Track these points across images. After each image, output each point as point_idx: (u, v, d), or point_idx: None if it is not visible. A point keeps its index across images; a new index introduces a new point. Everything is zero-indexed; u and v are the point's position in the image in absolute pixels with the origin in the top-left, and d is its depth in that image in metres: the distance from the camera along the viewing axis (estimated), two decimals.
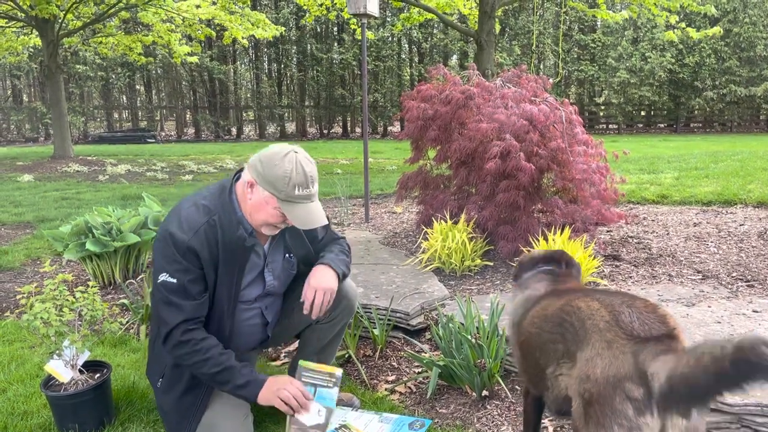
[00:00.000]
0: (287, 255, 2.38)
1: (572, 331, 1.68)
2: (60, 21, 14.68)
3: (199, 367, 2.11)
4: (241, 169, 2.22)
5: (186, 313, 2.09)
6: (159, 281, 2.09)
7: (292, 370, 2.65)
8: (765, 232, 4.84)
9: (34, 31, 15.96)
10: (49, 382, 2.49)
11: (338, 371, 2.32)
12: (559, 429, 2.46)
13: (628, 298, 1.68)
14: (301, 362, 2.34)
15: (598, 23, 29.31)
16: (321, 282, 2.28)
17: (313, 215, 2.14)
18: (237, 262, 2.19)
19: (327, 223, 2.22)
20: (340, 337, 2.63)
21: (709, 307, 3.34)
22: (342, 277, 2.39)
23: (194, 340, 2.10)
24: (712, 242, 4.69)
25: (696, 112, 29.58)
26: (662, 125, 31.04)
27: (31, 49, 20.64)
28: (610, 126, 30.83)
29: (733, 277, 3.92)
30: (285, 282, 2.42)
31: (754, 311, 3.25)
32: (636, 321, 1.56)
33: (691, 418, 1.45)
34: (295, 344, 3.27)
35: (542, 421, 2.50)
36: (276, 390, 2.14)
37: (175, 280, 2.07)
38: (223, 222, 2.13)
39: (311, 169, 2.12)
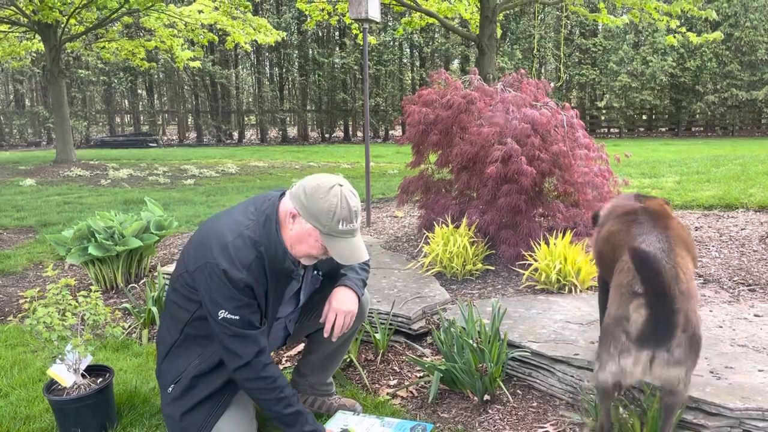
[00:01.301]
0: (316, 272, 2.42)
1: (615, 250, 2.36)
2: (63, 26, 14.73)
3: (271, 404, 2.15)
4: (282, 193, 2.21)
5: (258, 344, 2.13)
6: (220, 318, 2.08)
7: (297, 375, 2.65)
8: (766, 237, 4.84)
9: (36, 35, 16.02)
10: (51, 386, 2.50)
11: None
12: None
13: (666, 250, 2.18)
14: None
15: (600, 27, 29.35)
16: (342, 305, 2.32)
17: (355, 251, 2.14)
18: (281, 289, 2.24)
19: (367, 258, 2.23)
20: (349, 343, 2.64)
21: (711, 311, 3.34)
22: (360, 297, 2.42)
23: (272, 377, 2.14)
24: (713, 246, 4.68)
25: (697, 116, 29.60)
26: (663, 129, 31.05)
27: (34, 54, 20.72)
28: (612, 130, 30.84)
29: (734, 281, 3.92)
30: (309, 295, 2.48)
31: (755, 315, 3.25)
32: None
33: (673, 353, 2.01)
34: (297, 348, 3.29)
35: (545, 425, 2.51)
36: None
37: (237, 317, 2.08)
38: (269, 253, 2.12)
39: (355, 203, 2.11)
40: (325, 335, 2.33)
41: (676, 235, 2.26)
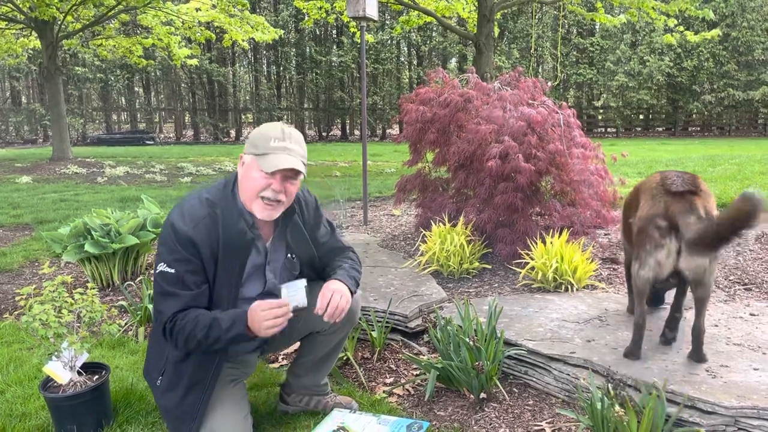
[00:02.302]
0: (290, 255, 2.36)
1: (640, 194, 2.71)
2: (59, 23, 14.69)
3: (194, 338, 2.05)
4: None
5: (182, 303, 2.08)
6: (158, 271, 2.09)
7: (291, 376, 2.64)
8: (762, 236, 4.85)
9: (33, 33, 15.96)
10: (47, 383, 2.50)
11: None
12: (556, 431, 2.46)
13: (682, 173, 2.60)
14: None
15: (597, 27, 29.39)
16: (337, 287, 2.24)
17: (282, 159, 2.10)
18: (237, 257, 2.17)
19: (299, 169, 2.13)
20: (340, 347, 2.62)
21: (707, 310, 3.34)
22: (352, 291, 2.33)
23: (179, 318, 2.07)
24: None
25: (694, 115, 29.67)
26: (660, 129, 31.10)
27: (31, 51, 20.65)
28: (609, 130, 30.89)
29: (730, 280, 3.94)
30: (282, 282, 2.35)
31: (751, 314, 3.26)
32: (674, 184, 2.51)
33: None
34: (294, 345, 3.28)
35: (541, 423, 2.52)
36: (260, 326, 2.04)
37: (173, 271, 2.07)
38: (225, 215, 2.13)
39: (291, 130, 2.17)
40: (319, 312, 2.18)
41: (701, 181, 2.59)
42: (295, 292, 2.13)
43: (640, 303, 2.67)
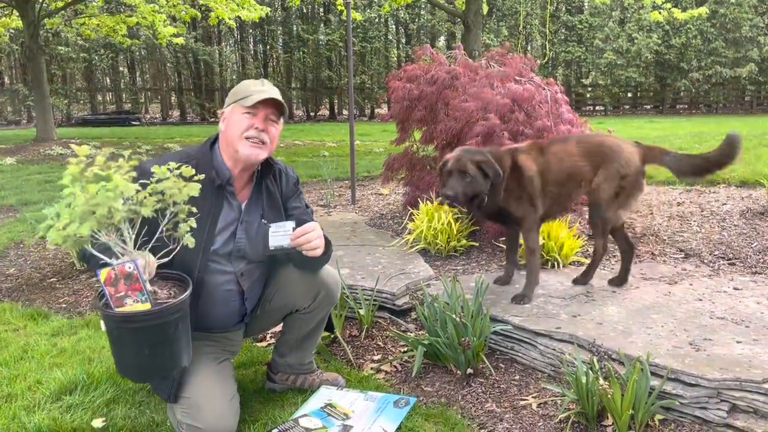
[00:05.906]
0: (263, 220, 2.37)
1: (601, 155, 3.17)
2: (41, 1, 14.40)
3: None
4: None
5: None
6: None
7: (276, 354, 2.65)
8: (747, 212, 4.89)
9: (14, 11, 15.65)
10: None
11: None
12: (542, 405, 2.49)
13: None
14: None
15: (585, 4, 29.27)
16: (317, 229, 2.24)
17: (265, 94, 2.25)
18: (209, 210, 2.20)
19: (279, 100, 2.29)
20: (322, 326, 2.63)
21: (691, 284, 3.38)
22: (325, 258, 2.34)
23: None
24: (694, 221, 4.73)
25: (682, 93, 29.74)
26: (648, 107, 31.17)
27: (12, 31, 20.24)
28: (597, 108, 30.91)
29: (715, 255, 3.97)
30: (257, 248, 2.29)
31: (734, 288, 3.29)
32: (635, 141, 3.26)
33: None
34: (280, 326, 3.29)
35: (527, 398, 2.54)
36: None
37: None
38: (199, 165, 2.13)
39: (267, 84, 2.33)
40: (292, 240, 2.18)
41: None
42: (278, 231, 2.22)
43: (605, 236, 3.27)
